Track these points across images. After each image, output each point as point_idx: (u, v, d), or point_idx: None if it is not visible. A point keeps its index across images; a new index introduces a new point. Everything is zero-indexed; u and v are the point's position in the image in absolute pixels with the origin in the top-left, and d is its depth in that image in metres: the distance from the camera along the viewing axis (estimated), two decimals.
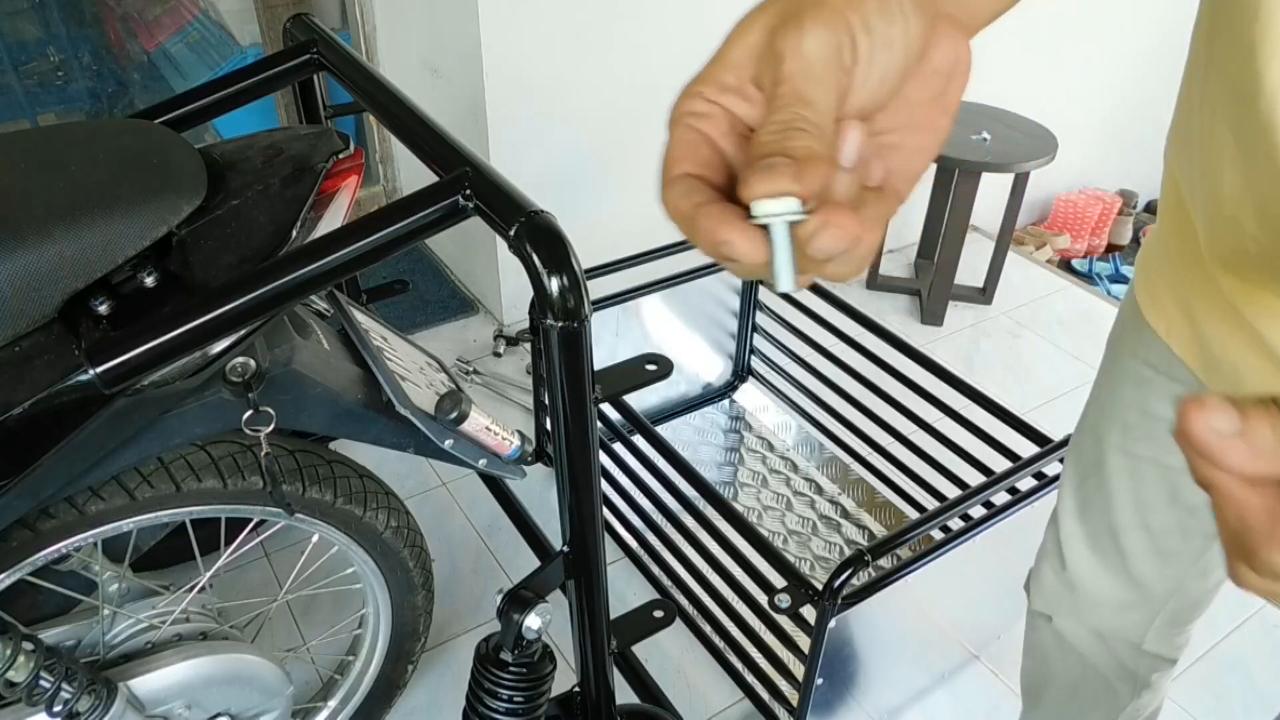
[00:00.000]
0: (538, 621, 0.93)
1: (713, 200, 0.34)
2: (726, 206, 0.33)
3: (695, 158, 0.36)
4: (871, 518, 1.80)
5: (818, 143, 0.32)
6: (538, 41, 1.89)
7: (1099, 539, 0.85)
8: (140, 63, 2.66)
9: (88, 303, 0.78)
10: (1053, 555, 0.91)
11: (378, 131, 2.51)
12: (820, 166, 0.32)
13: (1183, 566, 0.82)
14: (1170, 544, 0.80)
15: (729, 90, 0.35)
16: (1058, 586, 0.92)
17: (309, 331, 0.98)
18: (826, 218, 0.31)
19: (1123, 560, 0.84)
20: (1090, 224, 3.02)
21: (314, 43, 1.04)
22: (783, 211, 0.31)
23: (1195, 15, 0.60)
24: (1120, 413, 0.79)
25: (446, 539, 1.71)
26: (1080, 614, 0.91)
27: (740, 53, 0.35)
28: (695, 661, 1.51)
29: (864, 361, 1.73)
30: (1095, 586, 0.88)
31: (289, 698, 1.13)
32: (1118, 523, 0.82)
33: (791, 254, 0.32)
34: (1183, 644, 0.91)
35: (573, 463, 0.84)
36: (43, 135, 0.89)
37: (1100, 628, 0.91)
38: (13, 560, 0.88)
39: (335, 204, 0.92)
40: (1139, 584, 0.85)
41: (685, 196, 0.34)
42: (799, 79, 0.33)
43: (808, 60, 0.33)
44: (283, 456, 0.99)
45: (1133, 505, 0.80)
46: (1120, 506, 0.81)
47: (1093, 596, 0.89)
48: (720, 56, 0.36)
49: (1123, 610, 0.88)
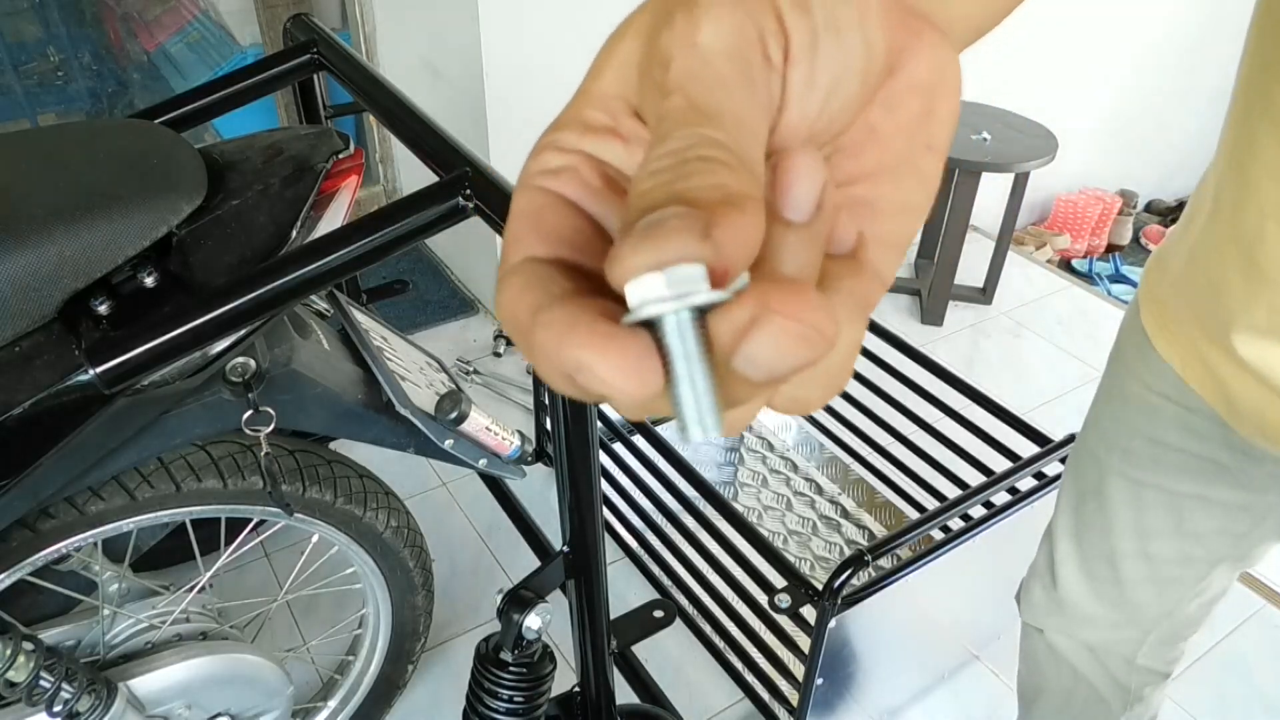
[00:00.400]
0: (538, 621, 0.93)
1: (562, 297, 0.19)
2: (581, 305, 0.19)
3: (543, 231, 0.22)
4: (871, 518, 1.80)
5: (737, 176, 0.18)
6: (538, 41, 1.89)
7: (1094, 564, 0.83)
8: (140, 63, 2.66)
9: (88, 303, 0.78)
10: (1044, 573, 0.90)
11: (378, 131, 2.51)
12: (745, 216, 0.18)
13: (1181, 592, 0.80)
14: (1170, 572, 0.78)
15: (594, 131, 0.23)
16: (1046, 603, 0.91)
17: (309, 331, 0.98)
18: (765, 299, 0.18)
19: (1119, 587, 0.82)
20: (1090, 224, 3.02)
21: (314, 43, 1.04)
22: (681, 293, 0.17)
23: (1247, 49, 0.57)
24: (1125, 439, 0.76)
25: (446, 539, 1.71)
26: (1070, 630, 0.90)
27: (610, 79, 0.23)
28: (695, 661, 1.51)
29: (864, 361, 1.72)
30: (1086, 608, 0.86)
31: (289, 698, 1.13)
32: (1117, 549, 0.80)
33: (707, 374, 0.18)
34: (1176, 658, 0.90)
35: (573, 463, 0.84)
36: (43, 135, 0.89)
37: (1091, 643, 0.90)
38: (13, 560, 0.88)
39: (335, 204, 0.92)
40: (1133, 608, 0.83)
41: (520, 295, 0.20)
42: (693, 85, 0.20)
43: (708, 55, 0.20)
44: (283, 456, 0.99)
45: (1134, 532, 0.78)
46: (1120, 533, 0.79)
47: (1083, 615, 0.87)
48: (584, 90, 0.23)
49: (1115, 629, 0.86)
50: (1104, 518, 0.79)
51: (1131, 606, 0.83)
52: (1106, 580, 0.82)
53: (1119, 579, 0.81)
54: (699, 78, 0.20)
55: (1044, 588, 0.90)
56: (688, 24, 0.21)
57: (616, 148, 0.23)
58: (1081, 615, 0.87)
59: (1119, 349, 0.78)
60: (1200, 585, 0.80)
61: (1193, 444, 0.71)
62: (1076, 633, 0.90)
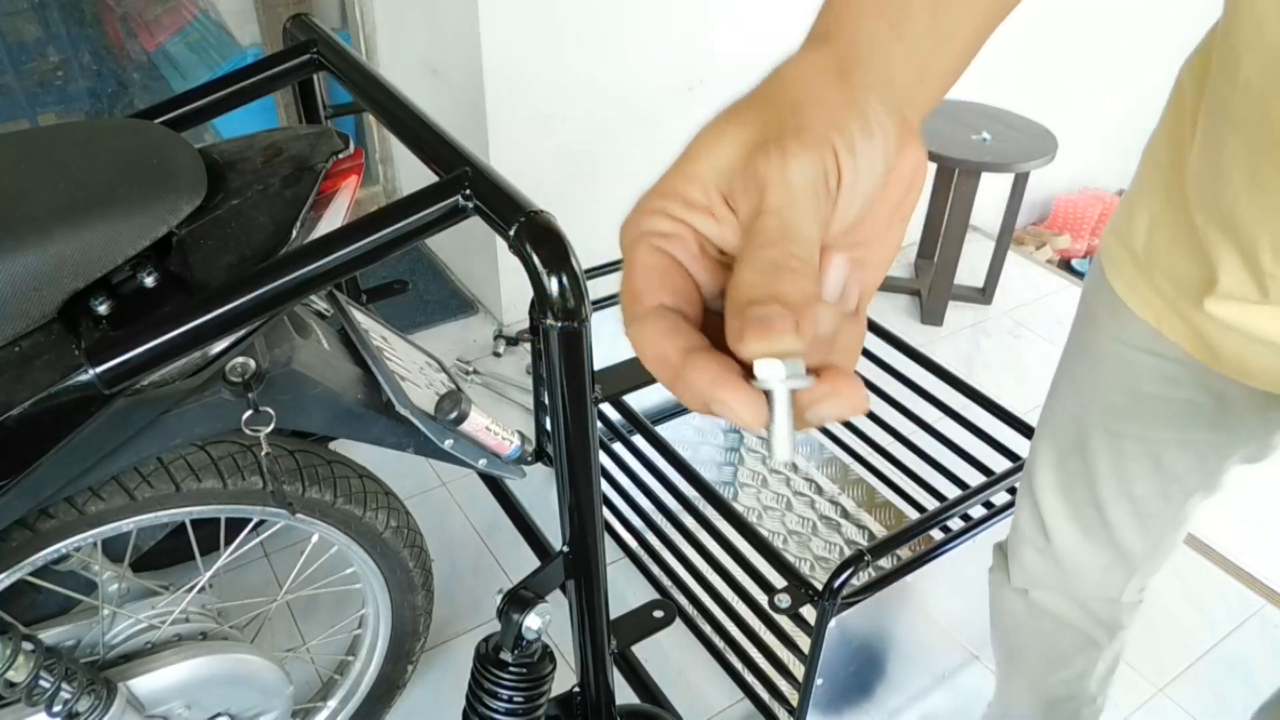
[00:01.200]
0: (538, 621, 0.93)
1: (701, 348, 0.29)
2: (721, 360, 0.29)
3: (668, 287, 0.31)
4: (871, 518, 1.80)
5: (811, 283, 0.29)
6: (538, 41, 1.89)
7: (1083, 512, 0.87)
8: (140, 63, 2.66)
9: (88, 303, 0.78)
10: (1034, 535, 0.93)
11: (378, 131, 2.51)
12: (813, 311, 0.29)
13: (1163, 525, 0.86)
14: (1152, 508, 0.84)
15: (696, 208, 0.31)
16: (1042, 563, 0.94)
17: (309, 331, 0.98)
18: (834, 386, 0.29)
19: (1107, 531, 0.87)
20: (1090, 224, 3.02)
21: (314, 43, 1.04)
22: (788, 375, 0.28)
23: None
24: (1103, 395, 0.80)
25: (446, 539, 1.71)
26: (1064, 585, 0.94)
27: (708, 168, 0.31)
28: (695, 661, 1.51)
29: (864, 361, 1.72)
30: (1079, 557, 0.91)
31: (289, 698, 1.13)
32: (1102, 496, 0.85)
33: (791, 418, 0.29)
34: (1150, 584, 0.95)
35: (573, 463, 0.84)
36: (43, 135, 0.89)
37: (1080, 594, 0.94)
38: (13, 560, 0.88)
39: (335, 204, 0.92)
40: (1121, 549, 0.88)
41: (667, 338, 0.30)
42: (786, 212, 0.29)
43: (794, 191, 0.29)
44: (283, 456, 0.99)
45: (1116, 479, 0.83)
46: (1104, 482, 0.84)
47: (1078, 566, 0.92)
48: (684, 169, 0.31)
49: (1105, 573, 0.91)
50: (1087, 470, 0.84)
51: (1120, 548, 0.88)
52: (1095, 524, 0.87)
53: (1106, 522, 0.86)
54: (787, 206, 0.29)
55: (1037, 549, 0.94)
56: (780, 161, 0.30)
57: (711, 224, 0.31)
58: (1076, 566, 0.91)
59: (1087, 309, 0.82)
60: (1178, 517, 0.85)
61: (1170, 390, 0.75)
62: (1069, 587, 0.94)
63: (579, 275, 0.73)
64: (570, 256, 0.73)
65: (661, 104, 2.09)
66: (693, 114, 2.14)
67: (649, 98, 2.07)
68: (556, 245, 0.73)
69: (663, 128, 2.12)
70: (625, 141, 2.10)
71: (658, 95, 2.08)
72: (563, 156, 2.06)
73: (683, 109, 2.12)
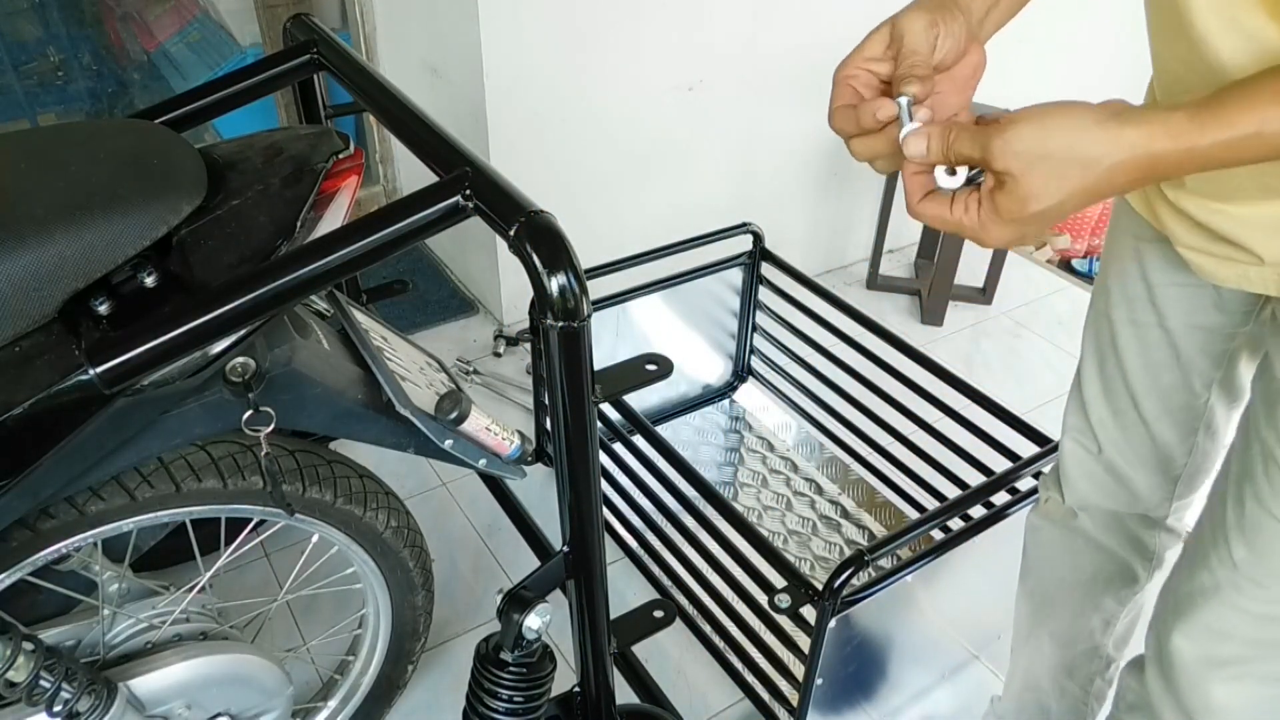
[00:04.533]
0: (538, 621, 0.94)
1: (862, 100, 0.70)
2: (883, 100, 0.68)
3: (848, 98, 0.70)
4: (871, 518, 1.80)
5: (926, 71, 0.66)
6: (538, 41, 1.89)
7: (1124, 413, 0.96)
8: (140, 63, 2.66)
9: (88, 303, 0.78)
10: (1089, 443, 1.00)
11: (378, 131, 2.51)
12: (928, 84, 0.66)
13: (1191, 421, 0.94)
14: (1179, 400, 0.93)
15: (874, 59, 0.69)
16: (1097, 472, 1.01)
17: (309, 331, 0.98)
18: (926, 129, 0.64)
19: (1144, 427, 0.95)
20: (1090, 224, 3.02)
21: (314, 43, 1.04)
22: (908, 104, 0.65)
23: None
24: (1125, 286, 0.91)
25: (446, 539, 1.71)
26: (1114, 497, 1.01)
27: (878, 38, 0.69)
28: (695, 661, 1.51)
29: (864, 361, 1.73)
30: (1127, 460, 0.98)
31: (289, 698, 1.13)
32: (1136, 389, 0.94)
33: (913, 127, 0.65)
34: (1190, 515, 0.98)
35: (573, 463, 0.84)
36: (43, 135, 0.89)
37: (1127, 506, 1.02)
38: (13, 560, 0.88)
39: (335, 204, 0.92)
40: (1160, 446, 0.96)
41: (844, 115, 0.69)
42: (916, 41, 0.67)
43: (918, 33, 0.67)
44: (283, 456, 0.99)
45: (1144, 370, 0.93)
46: (1134, 374, 0.93)
47: (1124, 474, 0.99)
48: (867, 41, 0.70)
49: (1149, 479, 0.99)
50: (1121, 368, 0.94)
51: (1158, 445, 0.96)
52: (1135, 423, 0.96)
53: (1143, 418, 0.95)
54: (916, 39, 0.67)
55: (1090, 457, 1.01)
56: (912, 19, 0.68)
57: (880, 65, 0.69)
58: (1122, 473, 0.99)
59: (1115, 215, 0.94)
60: (1205, 412, 0.93)
61: (1177, 276, 0.86)
62: (1118, 498, 1.01)
63: (579, 275, 0.73)
64: (570, 256, 0.73)
65: (661, 104, 2.09)
66: (693, 114, 2.14)
67: (649, 98, 2.07)
68: (556, 245, 0.73)
69: (662, 128, 2.12)
70: (625, 141, 2.10)
71: (658, 95, 2.08)
72: (563, 156, 2.06)
73: (683, 109, 2.12)
